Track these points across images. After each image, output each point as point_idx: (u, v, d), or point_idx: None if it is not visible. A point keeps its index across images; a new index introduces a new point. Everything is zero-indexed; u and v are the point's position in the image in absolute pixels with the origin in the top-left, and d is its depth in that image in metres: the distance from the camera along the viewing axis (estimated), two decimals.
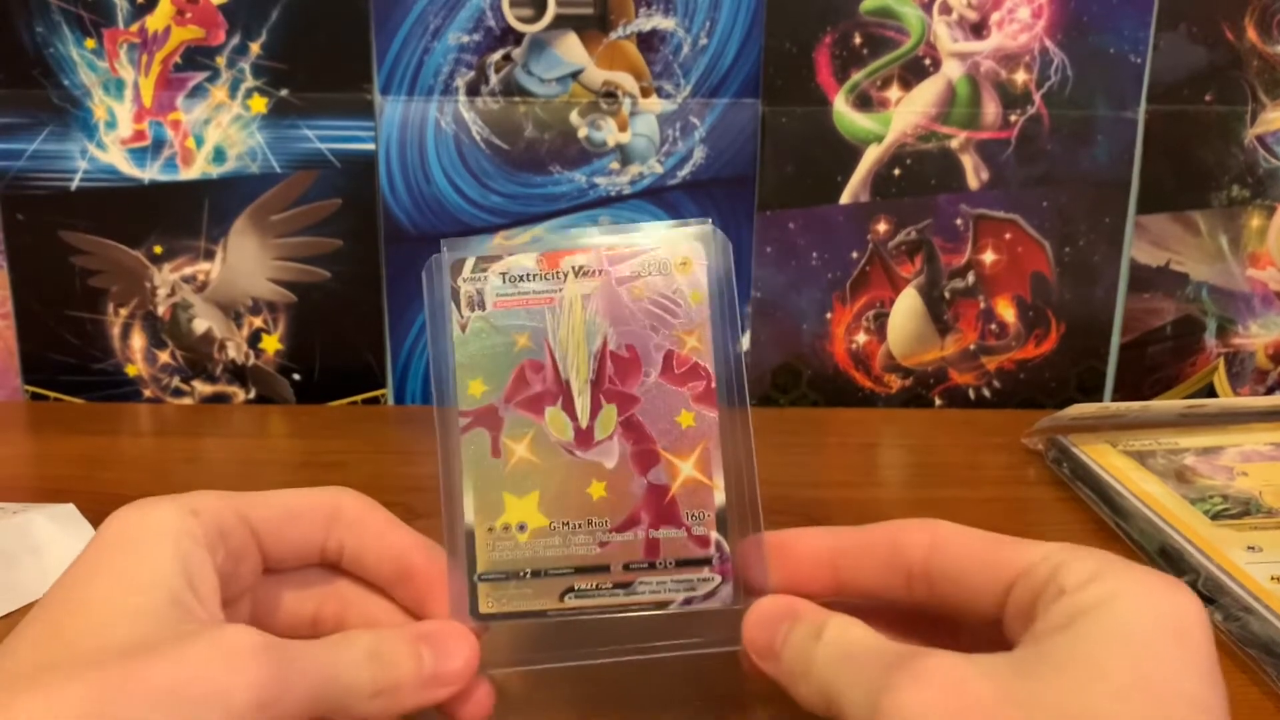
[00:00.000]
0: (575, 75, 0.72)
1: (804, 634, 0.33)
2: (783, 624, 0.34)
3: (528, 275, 0.37)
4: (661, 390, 0.36)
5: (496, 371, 0.36)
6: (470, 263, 0.37)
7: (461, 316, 0.37)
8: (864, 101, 0.73)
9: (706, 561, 0.36)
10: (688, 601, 0.36)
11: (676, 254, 0.37)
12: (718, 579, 0.36)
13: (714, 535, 0.36)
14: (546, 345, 0.37)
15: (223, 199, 0.73)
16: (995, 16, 0.72)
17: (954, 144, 0.74)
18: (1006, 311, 0.77)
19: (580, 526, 0.36)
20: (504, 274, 0.37)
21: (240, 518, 0.34)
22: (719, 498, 0.36)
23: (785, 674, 0.33)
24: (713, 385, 0.36)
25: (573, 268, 0.37)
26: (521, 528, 0.36)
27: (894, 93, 0.73)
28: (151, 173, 0.73)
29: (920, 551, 0.34)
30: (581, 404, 0.36)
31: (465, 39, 0.71)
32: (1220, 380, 0.78)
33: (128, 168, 0.73)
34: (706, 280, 0.37)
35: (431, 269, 0.37)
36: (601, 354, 0.36)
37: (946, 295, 0.76)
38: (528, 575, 0.36)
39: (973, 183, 0.74)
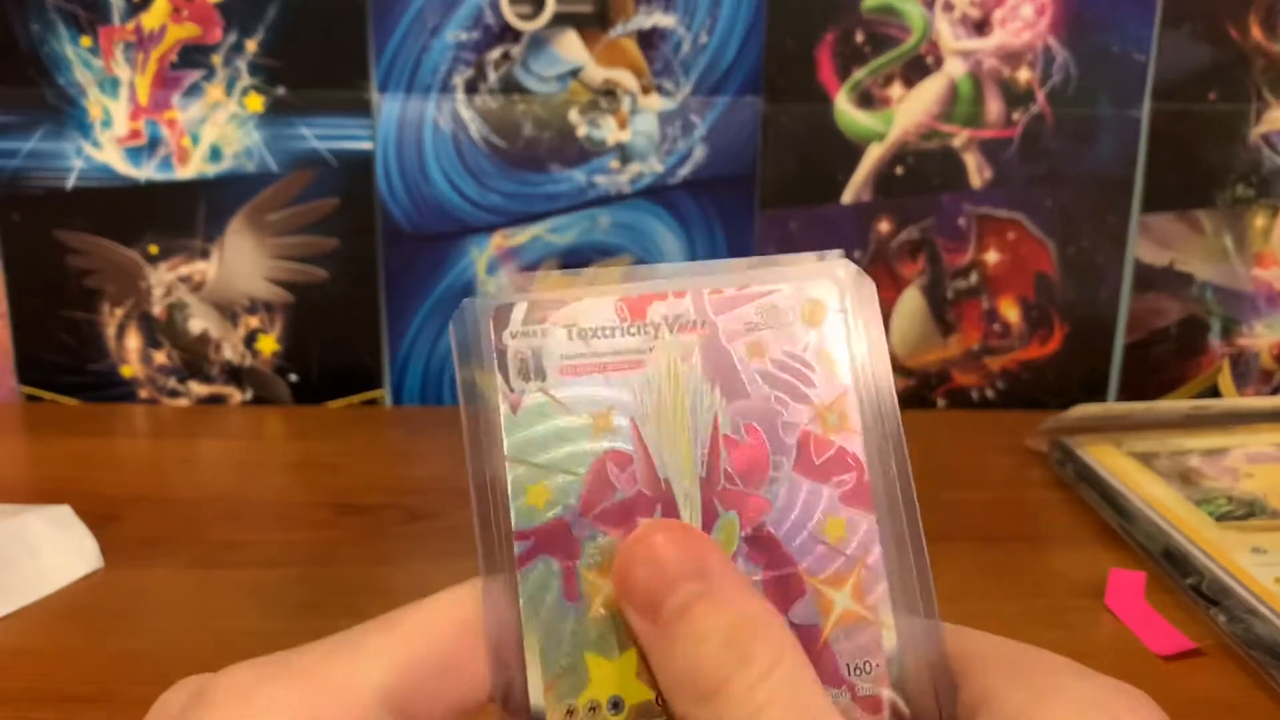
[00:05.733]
0: (575, 73, 0.72)
1: None
2: None
3: (604, 329, 0.26)
4: (798, 488, 0.26)
5: (567, 470, 0.26)
6: (521, 310, 0.26)
7: (511, 389, 0.26)
8: (866, 99, 0.72)
9: None
10: None
11: (802, 298, 0.27)
12: None
13: (886, 694, 0.25)
14: (635, 429, 0.26)
15: (219, 198, 0.73)
16: (998, 14, 0.71)
17: (956, 143, 0.73)
18: (1010, 311, 0.76)
19: None
20: (570, 326, 0.26)
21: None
22: (888, 639, 0.26)
23: None
24: (865, 478, 0.27)
25: (665, 317, 0.27)
26: (616, 705, 0.25)
27: (896, 91, 0.72)
28: (147, 172, 0.72)
29: None
30: (689, 512, 0.26)
31: (464, 36, 0.71)
32: (1225, 381, 0.78)
33: (123, 167, 0.72)
34: (845, 333, 0.27)
35: (465, 319, 0.26)
36: (713, 440, 0.26)
37: (949, 295, 0.76)
38: None
39: (975, 182, 0.74)
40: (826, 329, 0.27)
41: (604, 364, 0.26)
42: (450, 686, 0.25)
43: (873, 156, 0.73)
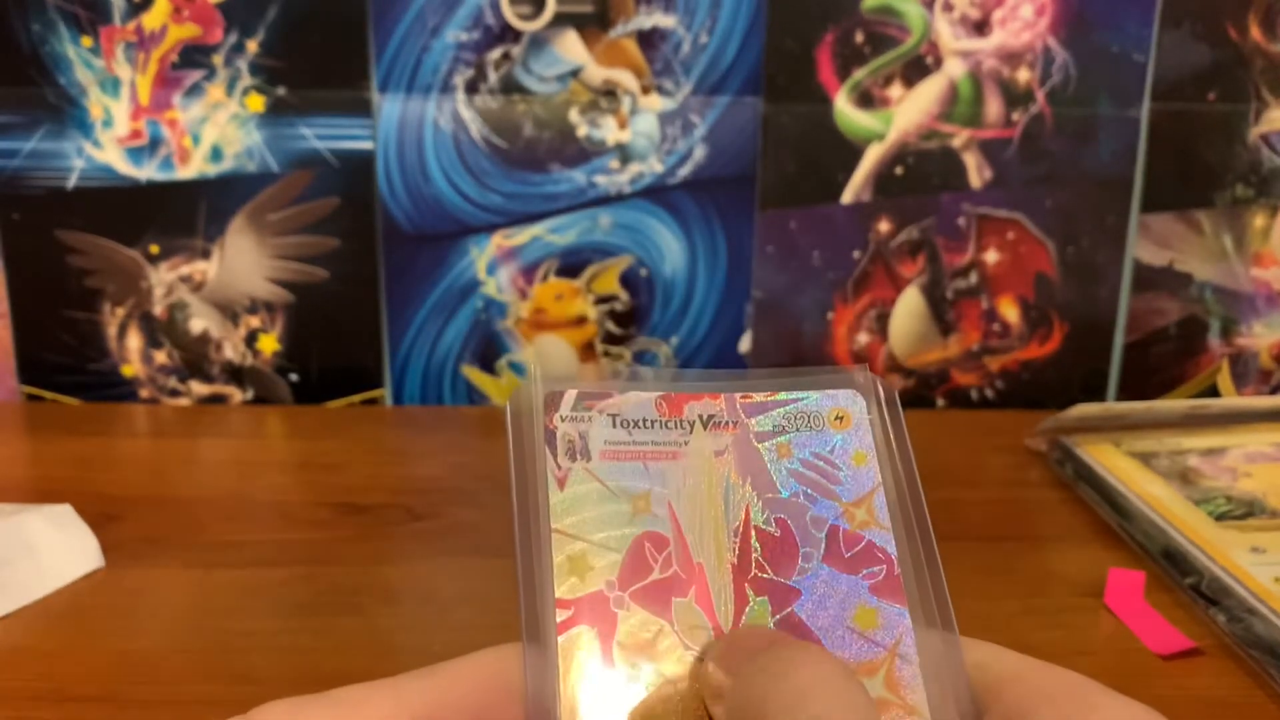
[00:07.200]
0: (575, 73, 0.72)
1: None
2: None
3: (645, 421, 0.29)
4: (828, 579, 0.27)
5: (607, 546, 0.27)
6: (571, 397, 0.28)
7: (559, 467, 0.28)
8: (866, 100, 0.73)
9: None
10: None
11: (829, 404, 0.29)
12: None
13: None
14: (671, 513, 0.28)
15: (220, 198, 0.73)
16: (998, 14, 0.71)
17: (956, 143, 0.73)
18: (1009, 311, 0.76)
19: None
20: (615, 416, 0.29)
21: None
22: None
23: None
24: (896, 571, 0.27)
25: (700, 415, 0.29)
26: None
27: (896, 91, 0.72)
28: (148, 171, 0.72)
29: None
30: (722, 595, 0.27)
31: (464, 36, 0.71)
32: (1224, 381, 0.78)
33: (124, 167, 0.72)
34: (872, 436, 0.29)
35: (518, 402, 0.29)
36: (744, 529, 0.28)
37: (949, 295, 0.76)
38: None
39: (975, 182, 0.74)
40: (854, 432, 0.29)
41: (644, 452, 0.28)
42: None
43: (872, 156, 0.73)
